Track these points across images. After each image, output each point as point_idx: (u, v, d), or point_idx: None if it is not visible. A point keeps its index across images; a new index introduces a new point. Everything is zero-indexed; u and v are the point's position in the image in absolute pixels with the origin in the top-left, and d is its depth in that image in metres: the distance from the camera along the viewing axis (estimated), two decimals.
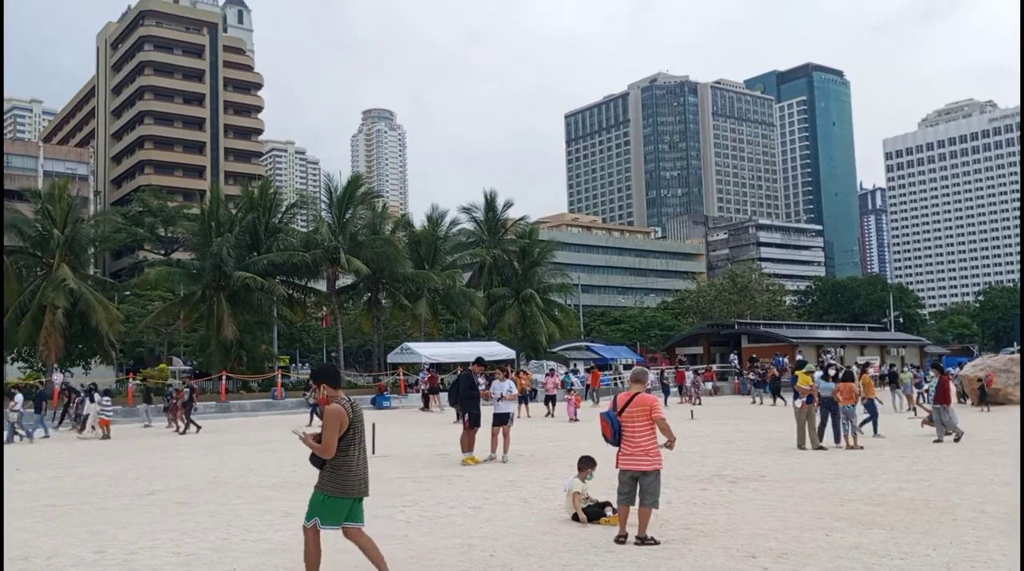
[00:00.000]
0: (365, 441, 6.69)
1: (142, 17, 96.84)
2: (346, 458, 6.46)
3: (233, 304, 42.62)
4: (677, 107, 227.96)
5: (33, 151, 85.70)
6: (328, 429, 6.39)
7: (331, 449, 6.40)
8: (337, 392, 6.56)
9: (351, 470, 6.49)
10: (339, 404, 6.44)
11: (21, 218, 42.49)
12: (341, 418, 6.39)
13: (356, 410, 6.53)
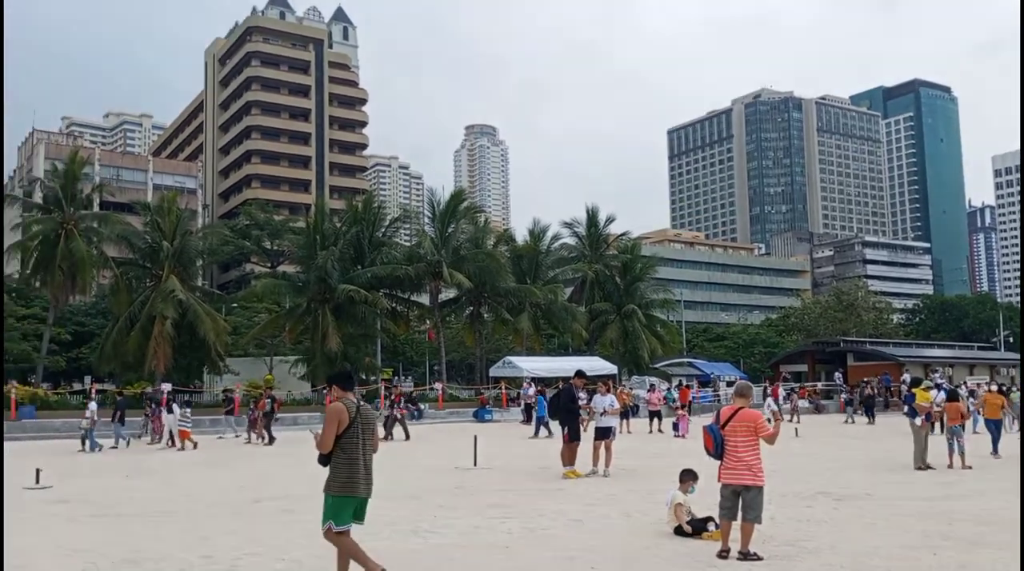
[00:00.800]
0: (370, 444, 6.88)
1: (249, 33, 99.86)
2: (347, 457, 6.70)
3: (337, 316, 42.71)
4: (781, 123, 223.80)
5: (143, 165, 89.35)
6: (326, 425, 6.70)
7: (327, 444, 6.70)
8: (347, 394, 6.85)
9: (353, 468, 6.72)
10: (342, 403, 6.71)
11: (131, 230, 43.63)
12: (340, 416, 6.66)
13: (363, 413, 6.80)
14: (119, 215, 45.54)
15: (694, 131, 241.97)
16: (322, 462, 6.82)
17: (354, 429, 6.73)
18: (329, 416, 6.74)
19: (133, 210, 49.99)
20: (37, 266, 42.31)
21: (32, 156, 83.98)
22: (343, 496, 6.77)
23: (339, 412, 6.70)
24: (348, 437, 6.71)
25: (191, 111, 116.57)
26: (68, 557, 8.63)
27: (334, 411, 6.73)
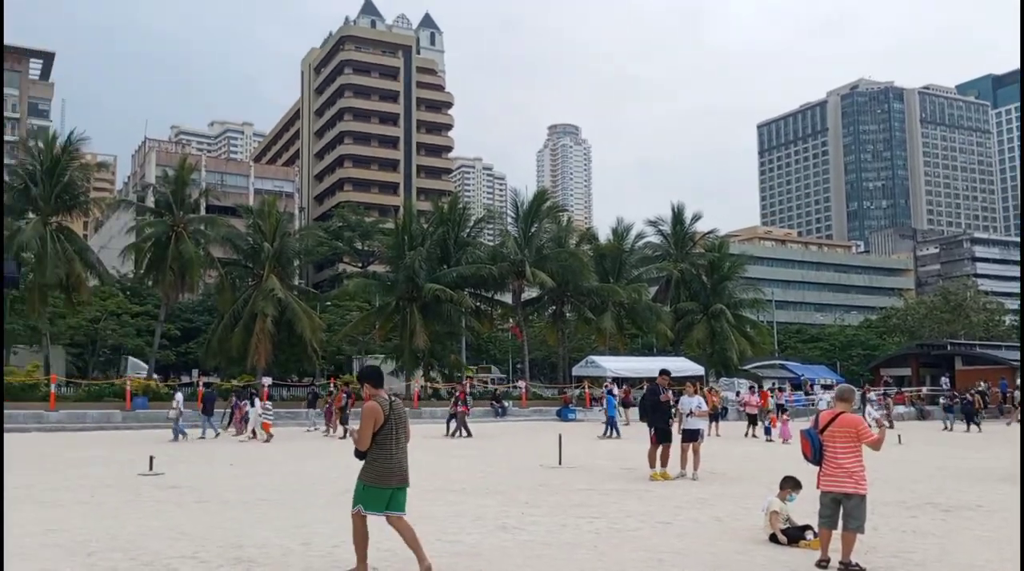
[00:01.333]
0: (404, 438, 7.22)
1: (343, 42, 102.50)
2: (383, 451, 7.03)
3: (425, 315, 43.73)
4: (881, 114, 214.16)
5: (245, 171, 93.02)
6: (363, 423, 6.99)
7: (364, 442, 7.01)
8: (378, 392, 7.11)
9: (388, 462, 7.05)
10: (376, 402, 6.98)
11: (235, 233, 45.73)
12: (375, 414, 6.97)
13: (396, 409, 7.12)
14: (224, 218, 47.74)
15: (786, 125, 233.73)
16: (359, 456, 7.16)
17: (389, 425, 7.04)
18: (365, 415, 7.04)
19: (236, 213, 52.37)
20: (150, 266, 44.82)
21: (144, 163, 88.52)
22: (375, 487, 7.11)
23: (374, 410, 6.99)
24: (384, 433, 7.03)
25: (288, 118, 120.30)
26: (177, 540, 9.11)
27: (369, 410, 7.02)
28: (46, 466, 18.14)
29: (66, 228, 43.43)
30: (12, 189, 42.86)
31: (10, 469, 17.42)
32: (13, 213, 43.44)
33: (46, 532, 9.67)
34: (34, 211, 41.86)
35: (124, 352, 53.56)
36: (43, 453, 21.48)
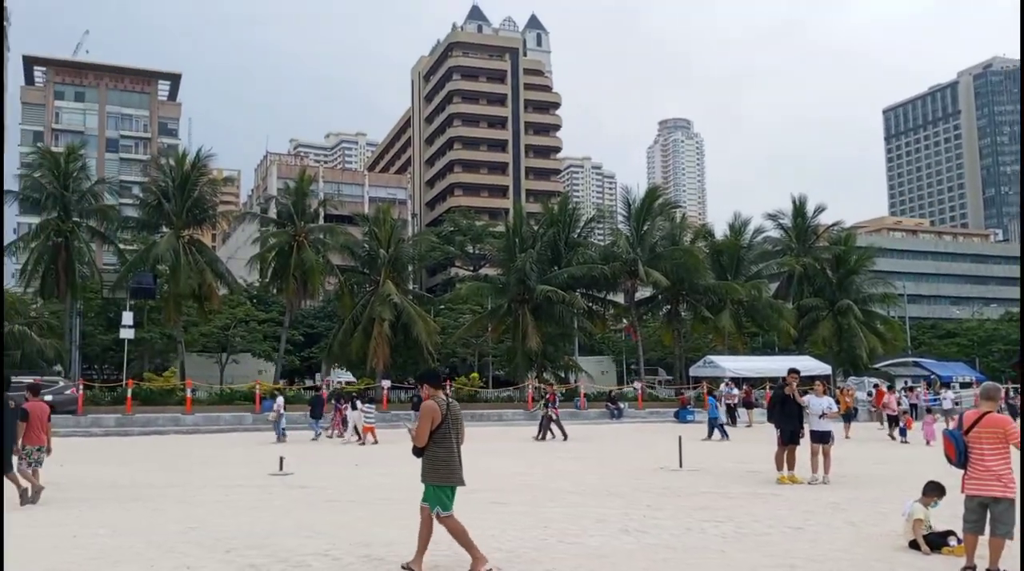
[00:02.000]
0: (460, 437, 7.50)
1: (451, 49, 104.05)
2: (441, 450, 7.34)
3: (536, 316, 43.77)
4: (1017, 94, 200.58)
5: (359, 180, 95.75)
6: (421, 422, 7.35)
7: (422, 439, 7.34)
8: (437, 392, 7.46)
9: (449, 461, 7.35)
10: (434, 402, 7.32)
11: (352, 240, 47.05)
12: (433, 413, 7.29)
13: (452, 409, 7.44)
14: (341, 226, 49.18)
15: (913, 109, 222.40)
16: (416, 454, 7.48)
17: (446, 425, 7.35)
18: (423, 414, 7.38)
19: (353, 221, 53.85)
20: (274, 275, 46.62)
21: (266, 176, 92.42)
22: (444, 486, 7.41)
23: (432, 410, 7.33)
24: (441, 432, 7.33)
25: (400, 127, 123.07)
26: (309, 538, 9.37)
27: (428, 409, 7.35)
28: (185, 466, 19.03)
29: (197, 240, 45.70)
30: (147, 205, 45.44)
31: (153, 469, 18.49)
32: (148, 228, 46.12)
33: (187, 530, 10.12)
34: (167, 225, 44.20)
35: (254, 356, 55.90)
36: (181, 454, 22.57)
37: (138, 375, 42.49)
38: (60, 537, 9.55)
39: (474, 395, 42.78)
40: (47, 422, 12.86)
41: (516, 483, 14.86)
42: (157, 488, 14.74)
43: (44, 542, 9.25)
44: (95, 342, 51.48)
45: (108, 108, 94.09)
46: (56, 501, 12.61)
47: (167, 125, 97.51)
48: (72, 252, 42.68)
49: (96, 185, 46.70)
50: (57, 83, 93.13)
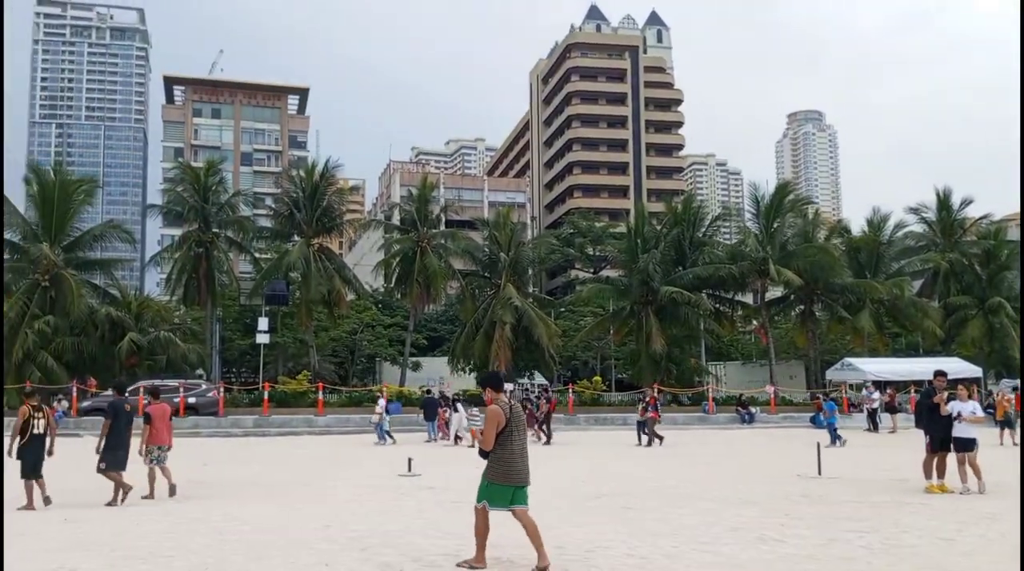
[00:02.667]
0: (524, 437, 7.80)
1: (569, 50, 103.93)
2: (504, 451, 7.59)
3: (661, 318, 42.93)
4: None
5: (479, 185, 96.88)
6: (487, 425, 7.63)
7: (488, 442, 7.61)
8: (499, 395, 7.71)
9: (510, 461, 7.59)
10: (497, 406, 7.60)
11: (473, 245, 47.51)
12: (498, 417, 7.56)
13: (515, 412, 7.70)
14: (462, 231, 49.80)
15: None
16: (483, 456, 7.75)
17: (509, 427, 7.61)
18: (489, 418, 7.63)
19: (473, 226, 54.42)
20: (398, 280, 47.71)
21: (390, 184, 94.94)
22: (500, 484, 7.66)
23: (497, 414, 7.60)
24: (505, 434, 7.60)
25: (518, 131, 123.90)
26: (441, 538, 9.46)
27: (493, 413, 7.61)
28: (318, 466, 19.50)
29: (326, 248, 47.25)
30: (279, 215, 47.36)
31: (289, 468, 19.04)
32: (281, 237, 48.00)
33: (323, 527, 10.32)
34: (299, 234, 45.87)
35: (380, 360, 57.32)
36: (314, 454, 23.22)
37: (273, 378, 44.20)
38: (207, 532, 9.93)
39: (597, 399, 42.31)
40: (169, 422, 13.42)
41: (646, 488, 14.60)
42: (293, 486, 15.22)
43: (192, 537, 9.63)
44: (233, 347, 54.01)
45: (242, 123, 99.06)
46: (202, 498, 13.23)
47: (296, 138, 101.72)
48: (212, 261, 44.85)
49: (233, 197, 48.99)
50: (195, 101, 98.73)
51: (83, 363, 38.87)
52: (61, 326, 37.79)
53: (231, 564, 8.18)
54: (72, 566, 8.02)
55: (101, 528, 10.27)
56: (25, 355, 36.32)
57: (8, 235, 40.38)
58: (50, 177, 41.02)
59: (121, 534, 9.81)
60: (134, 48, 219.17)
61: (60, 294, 38.14)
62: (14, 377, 35.78)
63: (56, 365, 36.88)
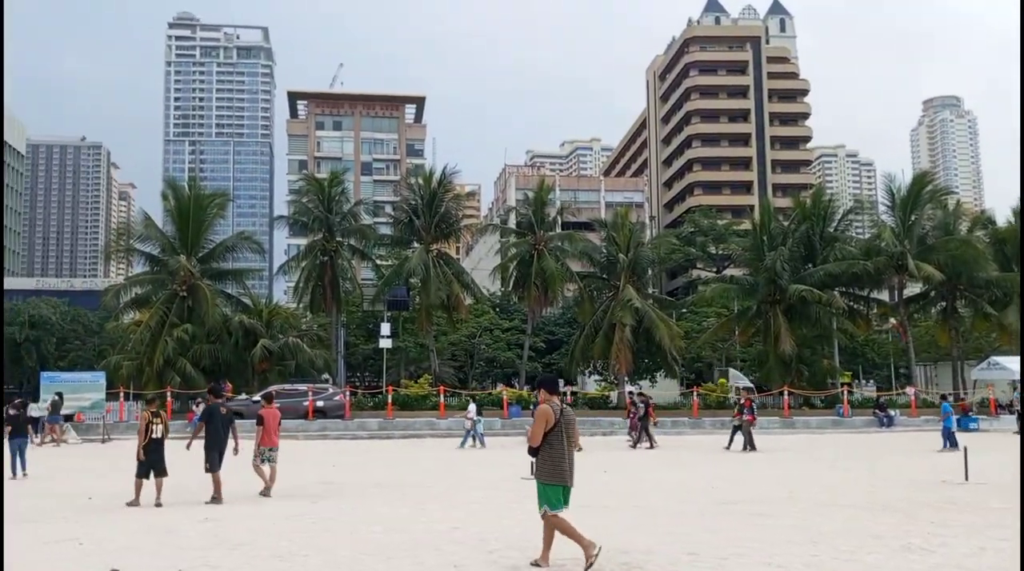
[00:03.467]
0: (572, 440, 8.03)
1: (687, 45, 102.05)
2: (552, 451, 7.88)
3: (790, 318, 41.34)
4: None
5: (595, 185, 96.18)
6: (535, 424, 7.96)
7: (535, 440, 7.94)
8: (552, 397, 8.08)
9: (558, 460, 7.86)
10: (548, 406, 7.95)
11: (591, 246, 47.03)
12: (547, 416, 7.89)
13: (565, 413, 8.00)
14: (580, 233, 49.41)
15: None
16: (532, 454, 8.08)
17: (559, 428, 7.91)
18: (538, 416, 7.99)
19: (590, 227, 53.93)
20: (516, 283, 47.78)
21: (505, 188, 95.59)
22: (552, 484, 7.88)
23: (546, 413, 7.94)
24: (554, 434, 7.89)
25: (635, 129, 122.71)
26: (567, 543, 9.14)
27: (542, 412, 7.97)
28: (442, 468, 19.66)
29: (444, 253, 47.81)
30: (399, 223, 48.30)
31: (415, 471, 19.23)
32: (401, 244, 48.93)
33: (450, 529, 10.44)
34: (418, 241, 46.61)
35: (497, 365, 57.57)
36: (438, 457, 23.47)
37: (395, 382, 45.05)
38: (339, 532, 10.17)
39: (722, 401, 41.01)
40: (278, 425, 14.21)
41: (779, 494, 14.21)
42: (419, 488, 15.41)
43: (324, 537, 9.86)
44: (357, 351, 55.45)
45: (362, 134, 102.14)
46: (333, 498, 13.65)
47: (414, 146, 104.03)
48: (336, 269, 46.14)
49: (355, 207, 50.25)
50: (317, 114, 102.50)
51: (218, 368, 40.70)
52: (198, 334, 39.67)
53: (362, 564, 8.33)
54: (214, 563, 8.34)
55: (238, 527, 10.62)
56: (166, 362, 38.30)
57: (148, 248, 42.83)
58: (185, 192, 43.20)
59: (258, 533, 10.14)
60: (259, 66, 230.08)
61: (196, 303, 40.06)
62: (155, 383, 37.85)
63: (194, 371, 38.74)
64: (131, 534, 10.11)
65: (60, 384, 35.11)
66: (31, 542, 9.62)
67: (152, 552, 8.95)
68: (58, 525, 10.90)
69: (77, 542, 9.56)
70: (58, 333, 67.82)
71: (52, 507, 12.81)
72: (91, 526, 10.81)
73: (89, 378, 36.05)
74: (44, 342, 66.63)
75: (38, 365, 61.33)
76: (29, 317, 66.86)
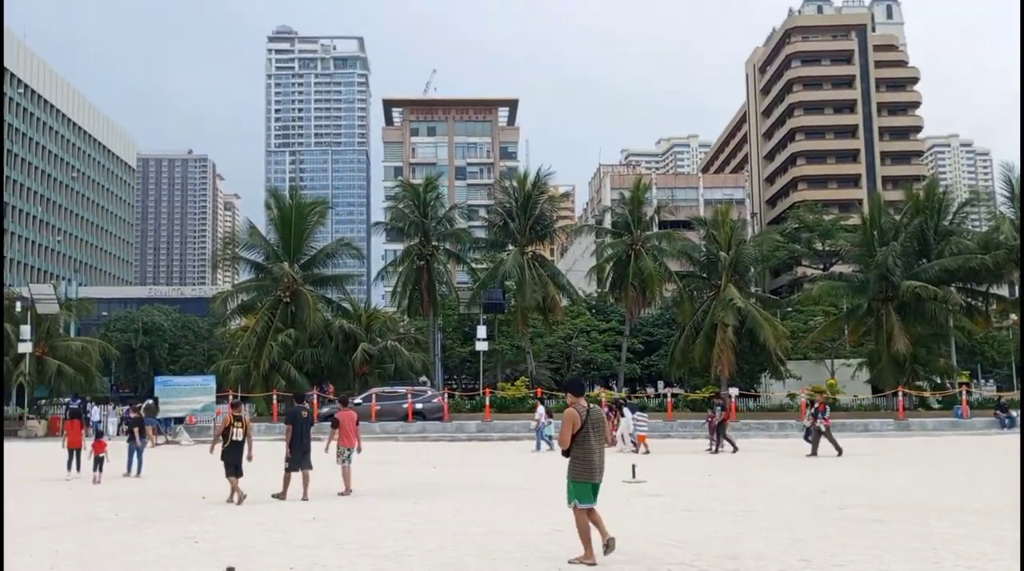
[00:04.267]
0: (601, 439, 8.40)
1: (788, 35, 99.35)
2: (581, 450, 8.27)
3: (903, 315, 39.44)
4: None
5: (694, 183, 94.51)
6: (563, 426, 8.36)
7: (564, 442, 8.35)
8: (578, 400, 8.48)
9: (588, 459, 8.25)
10: (575, 409, 8.33)
11: (690, 245, 46.08)
12: (574, 419, 8.26)
13: (592, 414, 8.37)
14: (678, 232, 48.54)
15: None
16: (564, 454, 8.48)
17: (586, 428, 8.28)
18: (565, 419, 8.39)
19: (689, 226, 52.89)
20: (612, 284, 47.29)
21: (600, 188, 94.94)
22: (581, 482, 8.30)
23: (573, 416, 8.32)
24: (582, 435, 8.27)
25: (734, 124, 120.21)
26: (673, 547, 9.17)
27: (569, 415, 8.36)
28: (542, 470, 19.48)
29: (539, 255, 47.75)
30: (493, 226, 48.53)
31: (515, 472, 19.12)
32: (496, 247, 49.10)
33: (552, 531, 10.32)
34: (512, 243, 46.67)
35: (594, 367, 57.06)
36: (536, 458, 23.32)
37: (492, 384, 45.15)
38: (442, 533, 10.23)
39: (832, 403, 39.39)
40: (356, 427, 14.83)
41: (893, 498, 13.67)
42: (520, 490, 15.37)
43: (429, 537, 9.97)
44: (454, 354, 55.96)
45: (455, 139, 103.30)
46: (434, 498, 13.76)
47: (507, 148, 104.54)
48: (432, 273, 46.67)
49: (450, 211, 50.76)
50: (412, 121, 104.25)
51: (321, 372, 41.70)
52: (301, 338, 40.71)
53: (467, 565, 8.36)
54: (324, 562, 8.51)
55: (346, 527, 10.79)
56: (271, 366, 39.45)
57: (253, 256, 44.28)
58: (287, 201, 44.45)
59: (364, 532, 10.27)
60: (355, 75, 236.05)
61: (299, 309, 41.14)
62: (261, 386, 39.05)
63: (298, 374, 39.74)
64: (244, 533, 10.39)
65: (173, 388, 36.65)
66: (150, 541, 9.97)
67: (265, 551, 9.17)
68: (175, 524, 11.27)
69: (193, 541, 9.87)
70: (170, 339, 71.16)
71: (169, 507, 13.28)
72: (206, 525, 11.16)
73: (200, 382, 37.49)
74: (157, 348, 70.07)
75: (152, 369, 64.47)
76: (143, 324, 70.39)
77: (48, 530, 10.82)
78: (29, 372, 41.17)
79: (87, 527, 11.12)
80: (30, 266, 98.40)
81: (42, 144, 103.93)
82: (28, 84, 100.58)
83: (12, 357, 41.40)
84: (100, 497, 14.90)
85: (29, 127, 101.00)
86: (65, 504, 13.94)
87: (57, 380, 43.42)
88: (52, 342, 44.07)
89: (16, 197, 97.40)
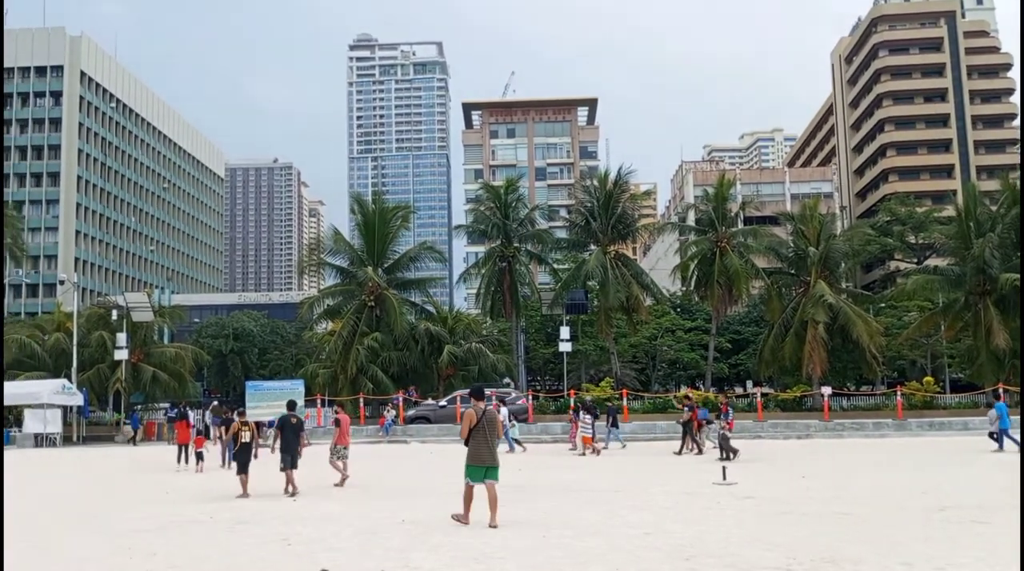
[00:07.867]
0: (494, 434, 10.98)
1: (874, 24, 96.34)
2: (475, 442, 10.80)
3: (1002, 310, 37.77)
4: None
5: (779, 177, 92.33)
6: (463, 423, 10.95)
7: (464, 434, 10.96)
8: (479, 403, 10.96)
9: (478, 449, 10.79)
10: (473, 410, 10.86)
11: (777, 241, 44.98)
12: (471, 418, 10.80)
13: (487, 415, 10.87)
14: (765, 228, 47.45)
15: None
16: (465, 444, 10.95)
17: (480, 425, 10.78)
18: (464, 418, 10.92)
19: (775, 221, 51.69)
20: (698, 283, 46.44)
21: (683, 185, 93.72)
22: (473, 466, 10.81)
23: (470, 415, 10.84)
24: (477, 429, 10.78)
25: (820, 116, 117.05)
26: (768, 550, 8.95)
27: (467, 415, 10.89)
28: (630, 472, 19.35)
29: (622, 255, 47.30)
30: (575, 226, 48.37)
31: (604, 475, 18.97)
32: (577, 247, 48.93)
33: (643, 535, 10.19)
34: (595, 243, 46.41)
35: (680, 366, 56.29)
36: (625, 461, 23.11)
37: (576, 385, 44.99)
38: (531, 536, 10.17)
39: (929, 401, 37.92)
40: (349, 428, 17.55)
41: (998, 500, 13.02)
42: (607, 492, 15.25)
43: (518, 539, 9.92)
44: (537, 356, 55.99)
45: (535, 140, 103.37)
46: (522, 501, 13.61)
47: (587, 148, 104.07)
48: (514, 275, 46.80)
49: (531, 212, 50.80)
50: (491, 123, 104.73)
51: (406, 375, 42.30)
52: (386, 342, 41.40)
53: (557, 569, 8.28)
54: (415, 564, 8.57)
55: (435, 529, 10.84)
56: (358, 369, 40.22)
57: (338, 261, 45.24)
58: (370, 207, 45.25)
59: (453, 535, 10.31)
60: (435, 80, 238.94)
61: (384, 313, 41.85)
62: (349, 389, 39.83)
63: (384, 377, 40.41)
64: (336, 534, 10.54)
65: (263, 392, 37.57)
66: (243, 543, 10.15)
67: (358, 552, 9.28)
68: (267, 526, 11.48)
69: (286, 542, 10.02)
70: (259, 344, 73.28)
71: (261, 507, 13.59)
72: (298, 526, 11.35)
73: (289, 385, 38.37)
74: (247, 353, 72.24)
75: (242, 374, 66.54)
76: (233, 330, 72.62)
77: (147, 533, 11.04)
78: (125, 378, 43.03)
79: (183, 530, 11.36)
80: (125, 276, 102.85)
81: (135, 157, 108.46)
82: (120, 98, 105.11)
83: (108, 364, 43.38)
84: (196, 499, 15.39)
85: (123, 141, 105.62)
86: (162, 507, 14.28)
87: (152, 386, 45.23)
88: (147, 349, 45.98)
89: (112, 209, 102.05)
